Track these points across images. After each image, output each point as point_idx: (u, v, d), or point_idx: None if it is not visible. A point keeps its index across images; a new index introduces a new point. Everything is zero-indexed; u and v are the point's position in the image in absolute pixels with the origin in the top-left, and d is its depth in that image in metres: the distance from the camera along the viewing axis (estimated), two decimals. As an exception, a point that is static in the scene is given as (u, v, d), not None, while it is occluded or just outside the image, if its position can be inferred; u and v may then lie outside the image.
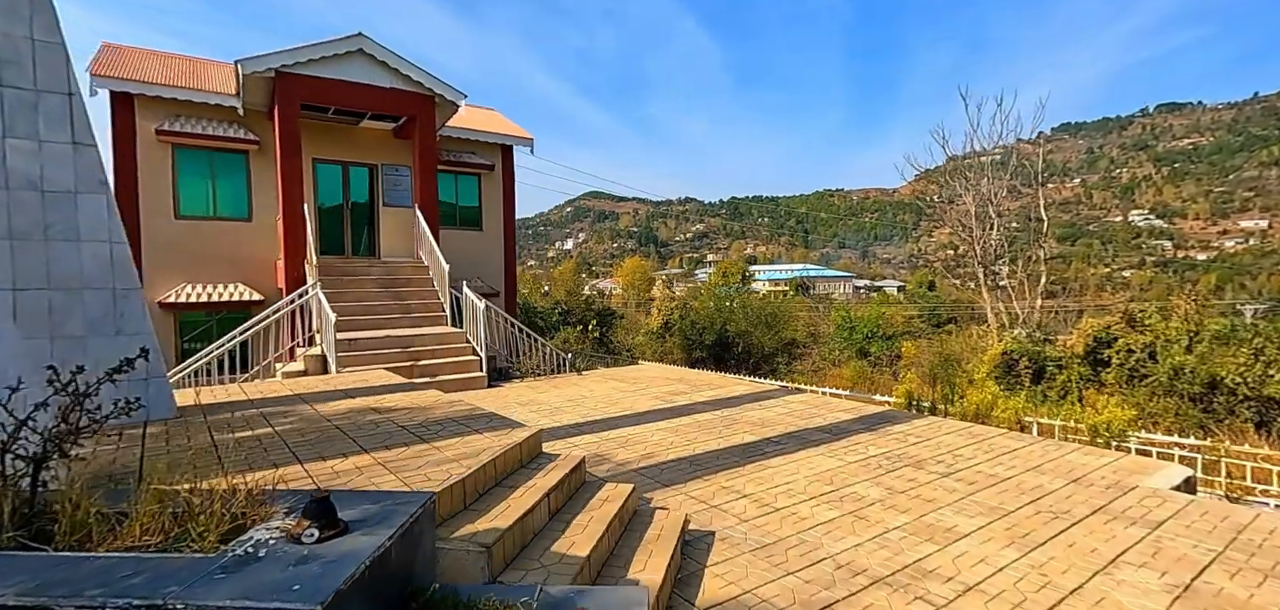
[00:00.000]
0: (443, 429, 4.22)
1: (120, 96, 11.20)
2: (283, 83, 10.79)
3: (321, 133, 13.07)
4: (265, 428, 4.21)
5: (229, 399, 5.28)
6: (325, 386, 5.95)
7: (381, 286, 11.07)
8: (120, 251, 4.27)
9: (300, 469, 3.34)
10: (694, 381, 9.86)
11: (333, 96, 11.36)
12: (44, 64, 3.97)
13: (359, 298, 10.61)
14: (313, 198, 13.12)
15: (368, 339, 9.26)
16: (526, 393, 9.09)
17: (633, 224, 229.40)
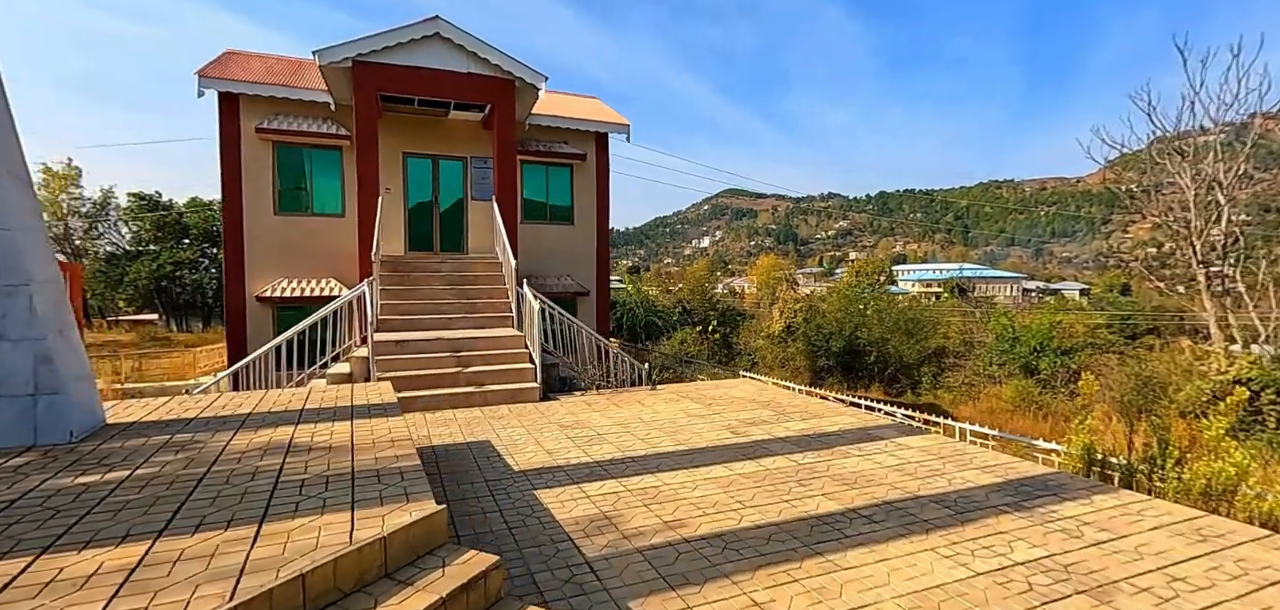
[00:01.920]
0: (322, 492, 2.96)
1: (226, 97, 11.64)
2: (359, 72, 10.50)
3: (411, 126, 12.82)
4: (125, 470, 3.25)
5: (164, 416, 4.52)
6: (283, 405, 5.06)
7: (449, 284, 10.41)
8: (6, 239, 3.55)
9: (41, 561, 2.24)
10: (784, 406, 7.94)
11: (409, 84, 10.91)
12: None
13: (424, 296, 10.01)
14: (403, 192, 12.93)
15: (416, 340, 8.51)
16: (577, 411, 7.79)
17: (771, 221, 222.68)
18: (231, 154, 11.72)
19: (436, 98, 11.40)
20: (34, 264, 3.68)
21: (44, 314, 3.68)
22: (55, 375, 3.66)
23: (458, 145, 13.29)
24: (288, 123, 11.91)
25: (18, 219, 3.66)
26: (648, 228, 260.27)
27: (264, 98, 11.82)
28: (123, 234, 52.13)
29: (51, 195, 47.12)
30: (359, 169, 10.65)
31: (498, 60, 11.14)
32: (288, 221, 12.16)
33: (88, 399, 3.97)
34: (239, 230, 11.80)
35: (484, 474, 5.28)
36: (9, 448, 3.56)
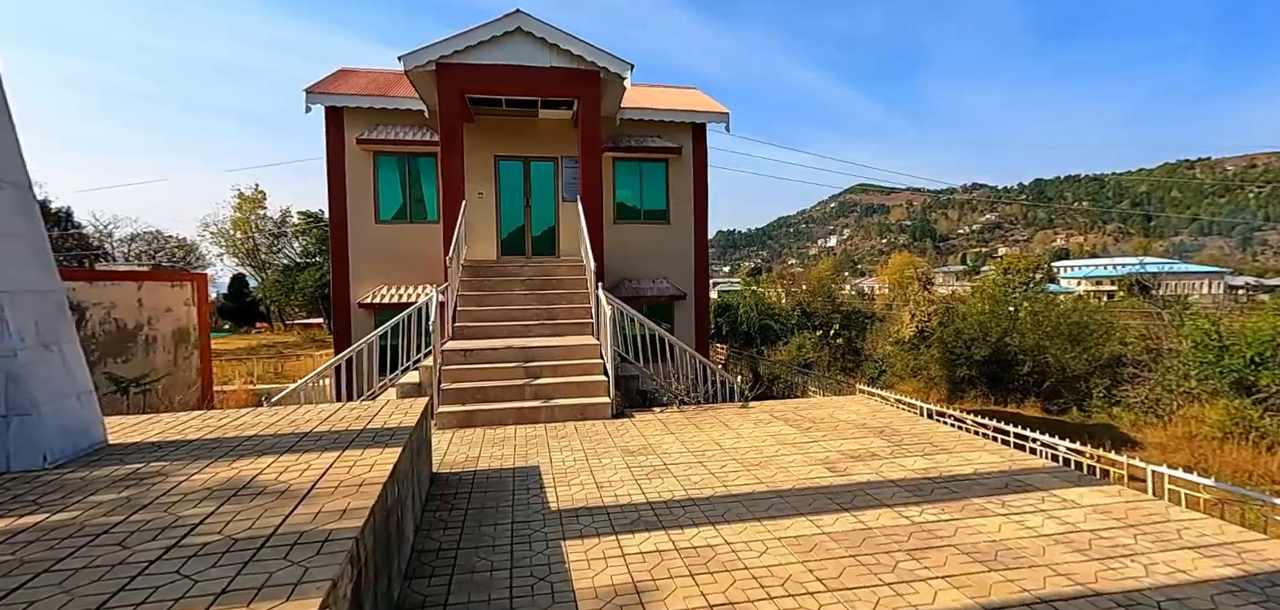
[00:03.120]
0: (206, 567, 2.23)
1: (331, 111, 12.08)
2: (443, 74, 10.33)
3: (503, 128, 12.60)
4: (39, 514, 2.77)
5: (167, 435, 4.16)
6: (293, 426, 4.55)
7: (529, 290, 9.89)
8: (-30, 248, 3.29)
9: None
10: (901, 435, 6.41)
11: (492, 82, 10.58)
12: None
13: (501, 302, 9.56)
14: (495, 196, 12.74)
15: (485, 349, 8.01)
16: (649, 432, 6.81)
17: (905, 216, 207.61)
18: (336, 166, 12.14)
19: (520, 95, 11.00)
20: (8, 275, 3.42)
21: (19, 328, 3.40)
22: (26, 394, 3.36)
23: (549, 145, 12.88)
24: (386, 132, 12.13)
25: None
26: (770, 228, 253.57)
27: (364, 109, 12.14)
28: (295, 247, 59.34)
29: (243, 216, 54.72)
30: (443, 172, 10.48)
31: (581, 51, 10.49)
32: (387, 229, 12.40)
33: (78, 419, 3.68)
34: (344, 239, 12.20)
35: (515, 513, 4.48)
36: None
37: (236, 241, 57.90)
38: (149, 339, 9.63)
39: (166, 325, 10.04)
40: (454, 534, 4.13)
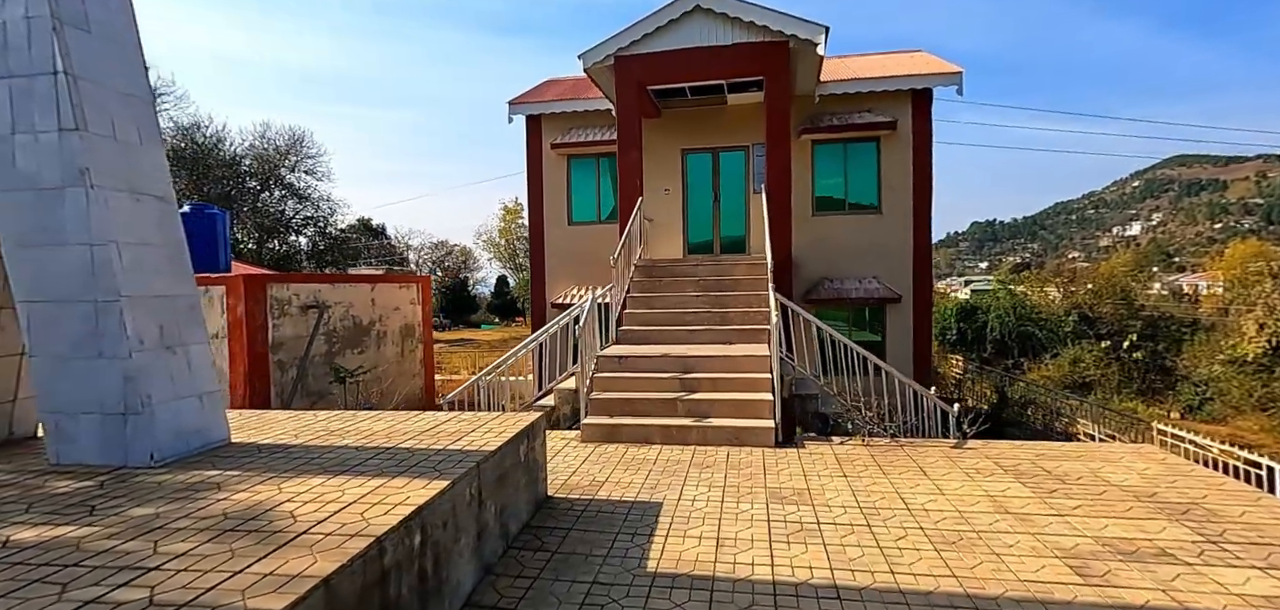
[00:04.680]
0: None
1: (531, 120, 12.67)
2: (620, 67, 10.00)
3: (690, 120, 11.94)
4: (86, 527, 2.74)
5: (279, 439, 4.18)
6: (387, 439, 4.27)
7: (702, 290, 9.01)
8: (102, 254, 3.56)
9: None
10: (1224, 523, 4.06)
11: (670, 69, 9.95)
12: (37, 42, 3.53)
13: (670, 304, 8.85)
14: (682, 191, 12.14)
15: (639, 357, 7.35)
16: (815, 470, 5.43)
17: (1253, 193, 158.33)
18: (535, 171, 12.71)
19: (701, 80, 10.18)
20: (136, 280, 3.68)
21: (137, 331, 3.64)
22: (140, 394, 3.57)
23: (739, 133, 11.84)
24: (578, 135, 12.33)
25: (126, 234, 3.70)
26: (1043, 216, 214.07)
27: (559, 114, 12.49)
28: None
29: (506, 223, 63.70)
30: (620, 169, 10.16)
31: (765, 20, 9.28)
32: (580, 230, 12.61)
33: (195, 419, 3.87)
34: (541, 241, 12.72)
35: (604, 568, 3.67)
36: (92, 466, 3.57)
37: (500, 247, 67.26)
38: (380, 334, 11.06)
39: (395, 322, 11.46)
40: (522, 587, 3.46)
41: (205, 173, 23.89)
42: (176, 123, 24.45)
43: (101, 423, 3.60)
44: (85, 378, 3.61)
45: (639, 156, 10.24)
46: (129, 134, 3.84)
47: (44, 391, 3.67)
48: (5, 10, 3.56)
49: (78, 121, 3.54)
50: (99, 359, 3.59)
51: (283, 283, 9.30)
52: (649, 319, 8.59)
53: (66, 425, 3.65)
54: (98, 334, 3.59)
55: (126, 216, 3.72)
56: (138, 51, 4.02)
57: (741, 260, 9.96)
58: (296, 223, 27.02)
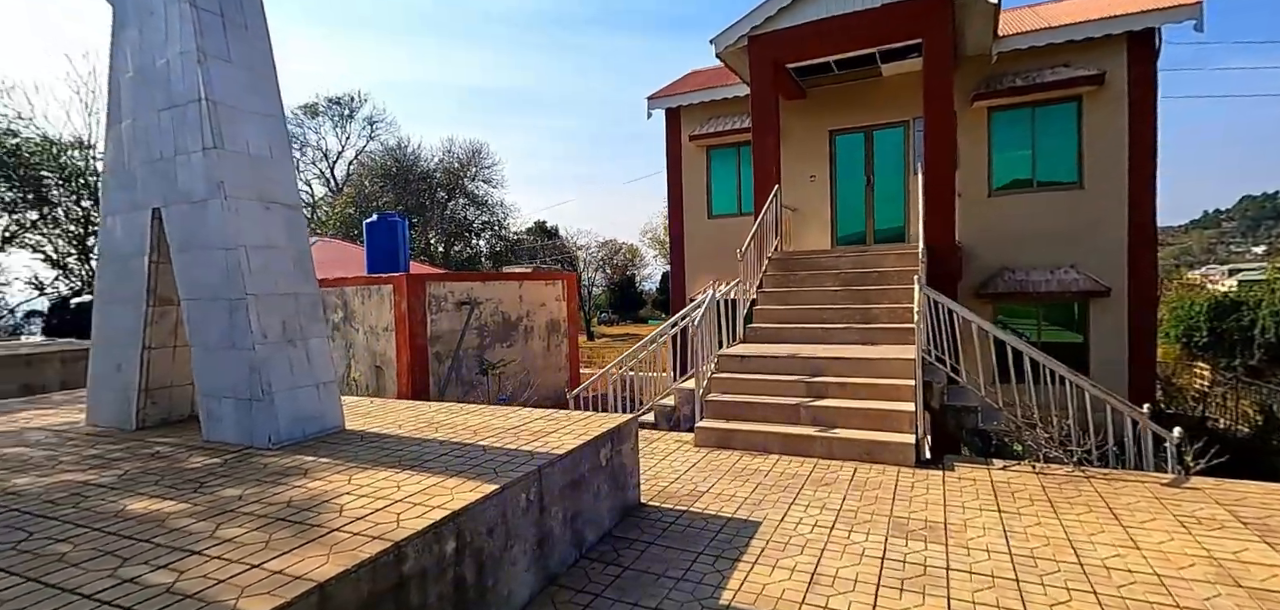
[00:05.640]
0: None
1: (670, 113, 12.50)
2: (754, 48, 9.39)
3: (838, 98, 10.91)
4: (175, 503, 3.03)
5: (384, 428, 4.39)
6: (461, 431, 4.23)
7: (843, 284, 8.10)
8: (234, 258, 4.00)
9: None
10: None
11: (809, 45, 9.11)
12: (188, 75, 4.07)
13: (804, 299, 8.08)
14: (830, 177, 11.15)
15: (762, 356, 6.76)
16: (959, 501, 4.49)
17: None
18: (675, 166, 12.52)
19: (845, 50, 9.18)
20: (263, 280, 4.09)
21: (262, 326, 4.04)
22: (262, 382, 3.96)
23: (898, 107, 10.54)
24: (717, 124, 11.90)
25: (255, 239, 4.13)
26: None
27: (698, 105, 12.15)
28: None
29: (669, 221, 65.04)
30: (754, 156, 9.55)
31: (921, -28, 8.06)
32: (719, 224, 12.18)
33: (312, 407, 4.22)
34: (680, 235, 12.51)
35: (670, 595, 3.31)
36: (229, 445, 4.03)
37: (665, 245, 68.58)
38: (527, 329, 11.67)
39: (541, 318, 12.03)
40: (581, 604, 3.24)
41: (405, 186, 27.53)
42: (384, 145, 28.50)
43: (236, 407, 4.06)
44: (224, 366, 4.10)
45: (775, 142, 9.53)
46: (261, 149, 4.29)
47: (197, 377, 4.25)
48: (168, 50, 4.16)
49: (217, 141, 4.02)
50: (233, 350, 4.05)
51: (439, 281, 10.18)
52: (780, 316, 7.93)
53: (213, 407, 4.19)
54: (232, 328, 4.05)
55: (256, 223, 4.16)
56: (272, 76, 4.49)
57: (895, 251, 8.79)
58: (476, 227, 30.07)
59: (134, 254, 4.51)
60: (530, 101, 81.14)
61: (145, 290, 4.50)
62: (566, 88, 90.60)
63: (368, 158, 31.21)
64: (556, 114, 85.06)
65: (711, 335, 6.99)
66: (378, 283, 9.89)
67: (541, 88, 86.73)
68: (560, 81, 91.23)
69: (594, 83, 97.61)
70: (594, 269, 49.65)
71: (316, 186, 32.89)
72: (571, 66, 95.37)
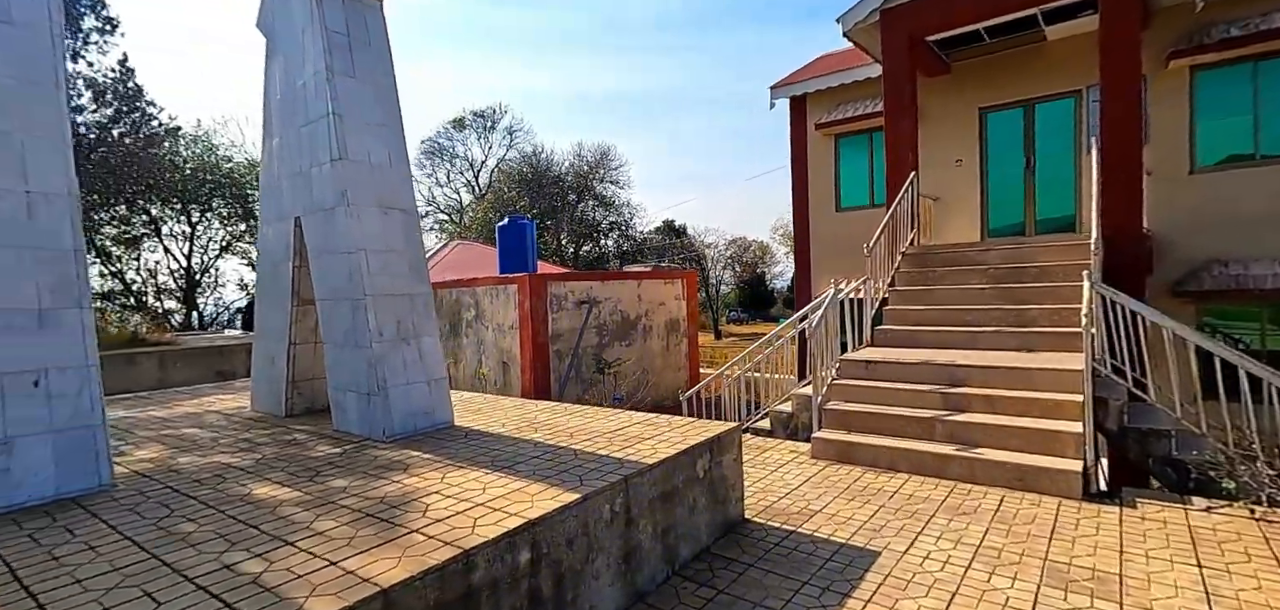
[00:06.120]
0: None
1: (795, 102, 11.83)
2: (887, 22, 8.56)
3: (991, 70, 9.66)
4: (285, 488, 3.23)
5: (488, 427, 4.44)
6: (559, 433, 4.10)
7: (991, 282, 7.09)
8: (356, 261, 4.27)
9: None
10: None
11: (952, 11, 8.11)
12: (320, 92, 4.41)
13: (943, 299, 7.18)
14: (979, 160, 9.93)
15: (892, 362, 6.06)
16: (1142, 548, 3.64)
17: None
18: (799, 156, 11.84)
19: (997, 14, 8.04)
20: (380, 282, 4.32)
21: (378, 325, 4.27)
22: (378, 379, 4.18)
23: (1066, 75, 9.09)
24: (846, 110, 11.06)
25: (374, 243, 4.37)
26: None
27: (825, 90, 11.38)
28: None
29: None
30: (887, 141, 8.70)
31: (1096, -88, 6.82)
32: (848, 217, 11.31)
33: (423, 402, 4.40)
34: (805, 231, 11.81)
35: (768, 625, 2.99)
36: (352, 435, 4.30)
37: (795, 241, 65.68)
38: (645, 328, 11.64)
39: (660, 317, 11.93)
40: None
41: (539, 190, 29.03)
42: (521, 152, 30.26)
43: (358, 400, 4.35)
44: (348, 362, 4.40)
45: (912, 125, 8.60)
46: (381, 158, 4.56)
47: (328, 371, 4.61)
48: (305, 71, 4.55)
49: (341, 152, 4.32)
50: (355, 347, 4.34)
51: (560, 281, 10.46)
52: (914, 317, 7.12)
53: (340, 399, 4.52)
54: (354, 327, 4.34)
55: (376, 228, 4.42)
56: (392, 89, 4.75)
57: (1059, 242, 7.53)
58: (604, 228, 30.94)
59: (282, 259, 5.01)
60: (657, 102, 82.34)
61: (290, 291, 4.98)
62: (692, 86, 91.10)
63: (507, 165, 33.36)
64: (682, 114, 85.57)
65: (832, 337, 6.42)
66: (504, 283, 10.37)
67: (667, 88, 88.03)
68: (685, 80, 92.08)
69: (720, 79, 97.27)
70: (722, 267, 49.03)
71: (464, 193, 35.76)
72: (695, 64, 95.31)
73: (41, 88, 3.40)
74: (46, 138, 3.37)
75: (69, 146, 3.49)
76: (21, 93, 3.33)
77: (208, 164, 20.39)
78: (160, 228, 20.67)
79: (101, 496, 3.18)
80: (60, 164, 3.41)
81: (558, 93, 67.87)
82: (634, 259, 32.19)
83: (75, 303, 3.35)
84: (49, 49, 3.46)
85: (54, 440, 3.19)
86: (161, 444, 4.26)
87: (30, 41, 3.40)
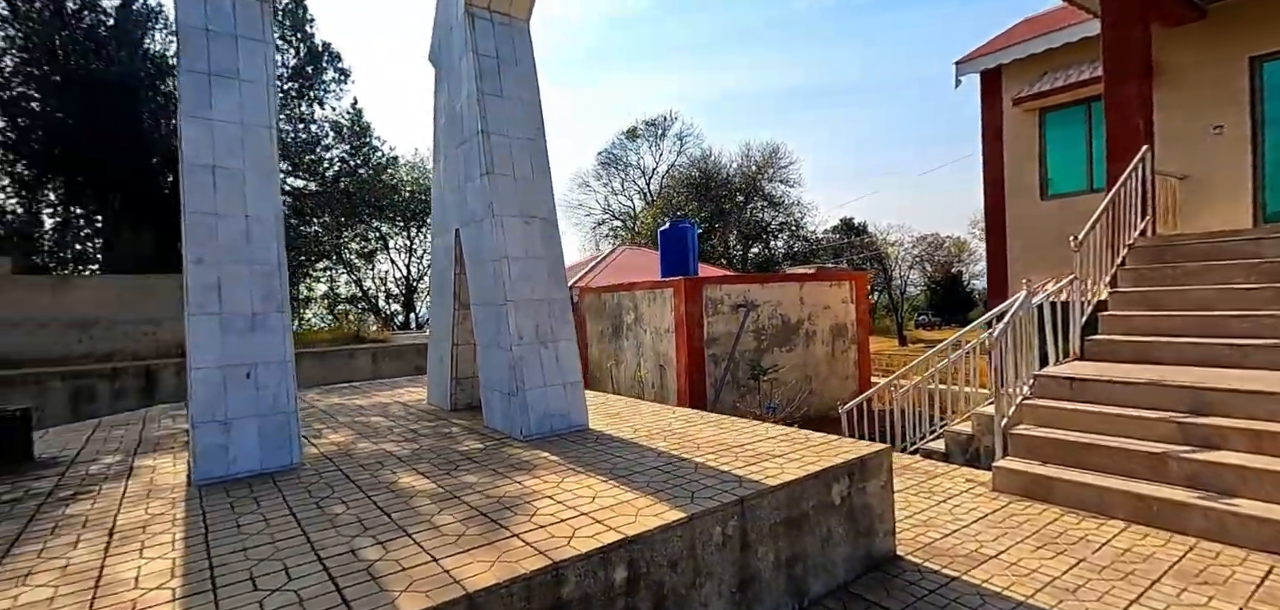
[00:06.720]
0: None
1: (986, 76, 10.34)
2: (1107, -32, 7.04)
3: (1263, 9, 7.53)
4: (421, 480, 3.45)
5: (618, 432, 4.37)
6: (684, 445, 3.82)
7: (1271, 280, 5.44)
8: (500, 268, 4.52)
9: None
10: None
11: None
12: (472, 113, 4.76)
13: (1188, 303, 5.68)
14: (1251, 126, 7.81)
15: (1108, 381, 4.90)
16: None
17: None
18: (993, 139, 10.31)
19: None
20: (521, 287, 4.52)
21: (518, 328, 4.46)
22: (517, 380, 4.37)
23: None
24: (1054, 79, 9.37)
25: (516, 251, 4.58)
26: None
27: (1023, 59, 9.76)
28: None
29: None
30: (1107, 110, 7.15)
31: None
32: (1056, 206, 9.57)
33: (559, 405, 4.50)
34: (1001, 224, 10.24)
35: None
36: (497, 433, 4.54)
37: (1000, 235, 58.06)
38: (808, 333, 10.94)
39: (825, 321, 11.14)
40: (783, 671, 2.70)
41: (707, 193, 29.07)
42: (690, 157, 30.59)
43: (501, 399, 4.61)
44: (494, 363, 4.69)
45: (1143, 89, 6.95)
46: (525, 170, 4.80)
47: (480, 371, 4.96)
48: (462, 95, 4.96)
49: (489, 167, 4.62)
50: (499, 350, 4.60)
51: (716, 284, 10.27)
52: (1142, 326, 5.72)
53: (489, 398, 4.83)
54: (498, 330, 4.61)
55: (518, 236, 4.65)
56: (537, 105, 4.98)
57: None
58: (773, 228, 29.99)
59: (446, 267, 5.53)
60: (826, 95, 77.50)
61: (453, 296, 5.47)
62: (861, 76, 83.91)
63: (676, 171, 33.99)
64: (854, 104, 79.46)
65: (1024, 349, 5.41)
66: (662, 286, 10.47)
67: (836, 79, 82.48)
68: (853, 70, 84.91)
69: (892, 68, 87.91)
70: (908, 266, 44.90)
71: (636, 201, 37.19)
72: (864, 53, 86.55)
73: (259, 130, 4.10)
74: (261, 171, 4.05)
75: (277, 177, 4.15)
76: (245, 136, 4.03)
77: (422, 186, 23.66)
78: (387, 242, 24.46)
79: (289, 474, 3.72)
80: (270, 192, 4.07)
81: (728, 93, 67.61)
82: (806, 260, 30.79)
83: (278, 308, 3.98)
84: (265, 99, 4.16)
85: (259, 424, 3.81)
86: (351, 429, 4.92)
87: (254, 94, 4.11)
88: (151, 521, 2.98)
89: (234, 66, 4.07)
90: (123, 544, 2.71)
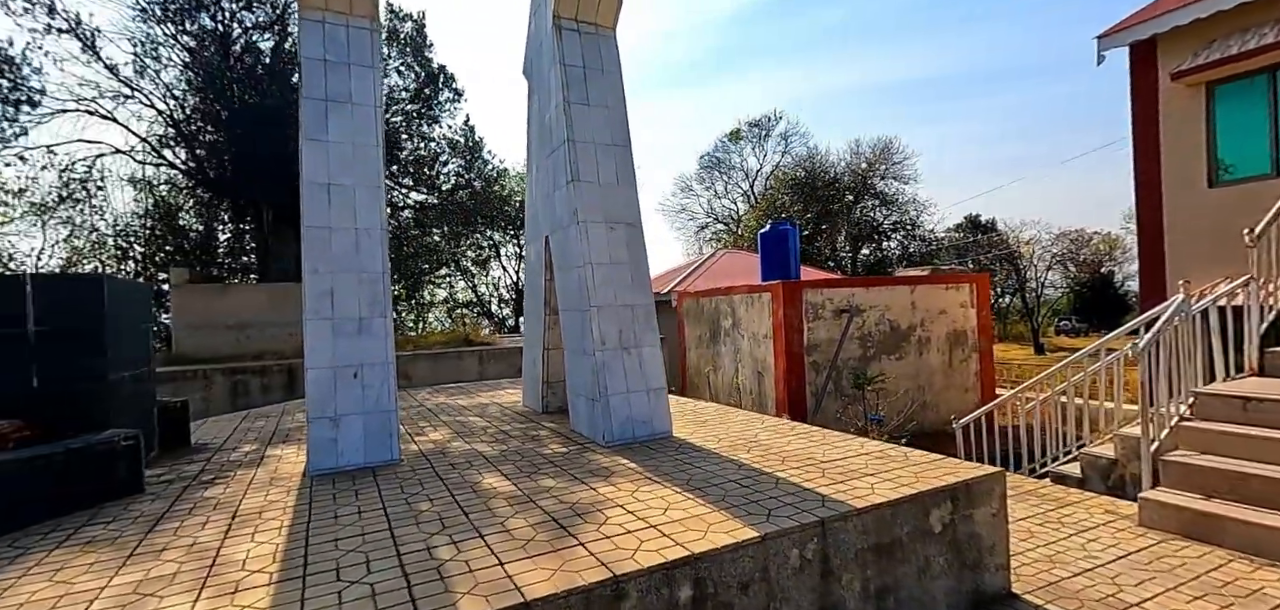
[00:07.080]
0: None
1: (1137, 48, 9.05)
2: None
3: None
4: (501, 481, 3.50)
5: (706, 441, 4.21)
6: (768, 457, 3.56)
7: None
8: (584, 274, 4.55)
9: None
10: None
11: None
12: (559, 122, 4.84)
13: None
14: None
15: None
16: None
17: None
18: (1146, 120, 9.01)
19: None
20: (605, 293, 4.52)
21: (602, 333, 4.45)
22: (602, 385, 4.37)
23: None
24: (1226, 47, 8.03)
25: (600, 257, 4.57)
26: None
27: (1186, 26, 8.43)
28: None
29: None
30: None
31: None
32: (1229, 195, 8.17)
33: (641, 411, 4.45)
34: (1156, 216, 8.92)
35: None
36: (582, 437, 4.56)
37: (1160, 230, 51.16)
38: (922, 340, 10.12)
39: (940, 327, 10.25)
40: (867, 713, 2.46)
41: (813, 193, 27.95)
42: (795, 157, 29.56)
43: (586, 404, 4.65)
44: (580, 368, 4.74)
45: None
46: (609, 177, 4.82)
47: (567, 376, 5.04)
48: (550, 106, 5.08)
49: (575, 175, 4.69)
50: (584, 355, 4.64)
51: (817, 288, 9.81)
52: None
53: (575, 403, 4.90)
54: (583, 335, 4.65)
55: (602, 243, 4.68)
56: (622, 111, 4.99)
57: None
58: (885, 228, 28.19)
59: (537, 273, 5.68)
60: (942, 87, 71.31)
61: (543, 302, 5.61)
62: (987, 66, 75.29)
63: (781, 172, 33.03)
64: (978, 94, 72.23)
65: (1181, 362, 4.64)
66: (760, 291, 10.17)
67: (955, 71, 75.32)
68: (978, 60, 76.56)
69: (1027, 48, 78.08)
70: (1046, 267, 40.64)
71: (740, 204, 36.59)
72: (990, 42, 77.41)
73: (368, 149, 4.43)
74: (369, 187, 4.37)
75: (382, 191, 4.46)
76: (356, 155, 4.37)
77: (531, 196, 24.78)
78: (499, 250, 25.82)
79: (388, 469, 3.96)
80: (376, 206, 4.38)
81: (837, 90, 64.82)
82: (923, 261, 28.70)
83: (382, 313, 4.27)
84: (373, 120, 4.49)
85: (364, 420, 4.10)
86: (449, 428, 5.18)
87: (364, 117, 4.46)
88: (268, 507, 3.28)
89: (347, 91, 4.42)
90: (241, 526, 3.00)
